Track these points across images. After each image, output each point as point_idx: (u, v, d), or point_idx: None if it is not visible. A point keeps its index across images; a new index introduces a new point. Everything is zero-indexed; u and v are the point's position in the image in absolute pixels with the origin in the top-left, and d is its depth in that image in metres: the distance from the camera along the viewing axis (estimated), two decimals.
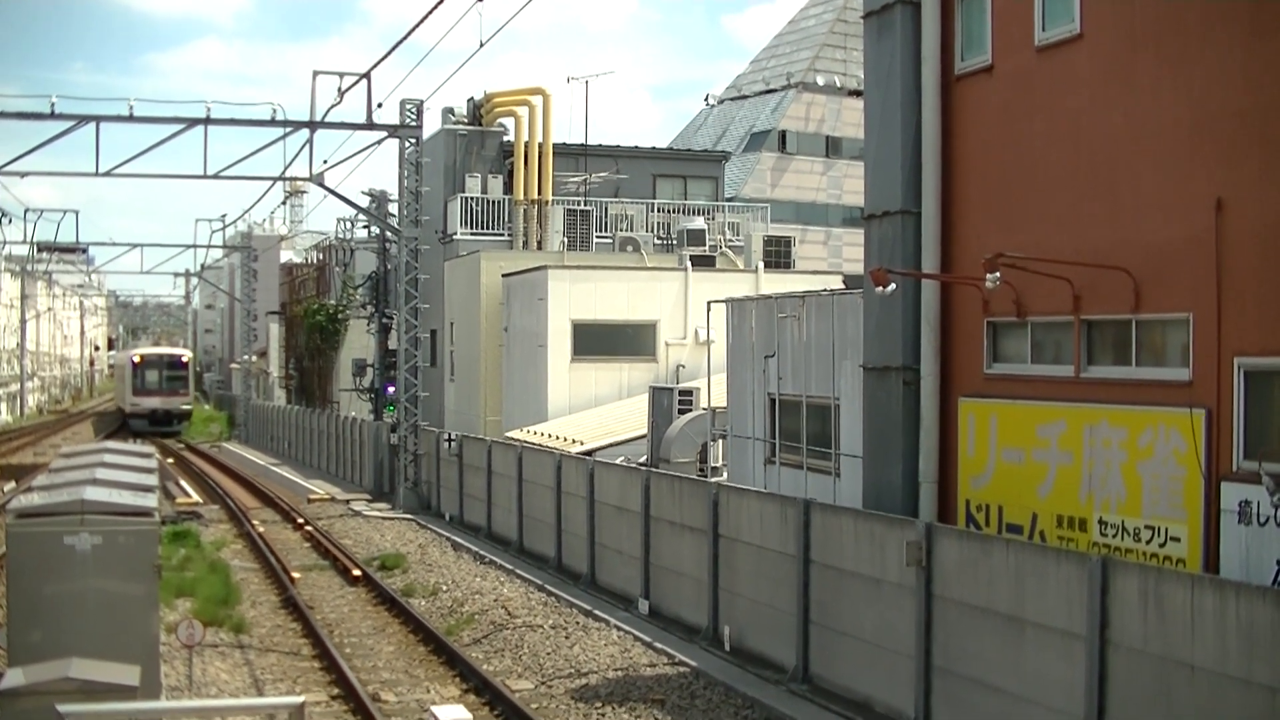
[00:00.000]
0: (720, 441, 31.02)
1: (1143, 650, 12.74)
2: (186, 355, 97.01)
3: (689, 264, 44.59)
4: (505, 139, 53.72)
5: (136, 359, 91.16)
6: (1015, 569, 14.46)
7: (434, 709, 17.49)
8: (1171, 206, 15.48)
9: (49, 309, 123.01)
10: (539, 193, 51.55)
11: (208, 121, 38.37)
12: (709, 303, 32.66)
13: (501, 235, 51.29)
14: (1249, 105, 14.56)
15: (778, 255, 48.73)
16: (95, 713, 8.32)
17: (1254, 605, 11.65)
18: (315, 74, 39.26)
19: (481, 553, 30.75)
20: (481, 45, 29.96)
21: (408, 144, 41.88)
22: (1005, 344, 18.33)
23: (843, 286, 27.66)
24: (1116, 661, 13.05)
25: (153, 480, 18.38)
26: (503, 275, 46.35)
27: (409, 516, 38.86)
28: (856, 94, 71.96)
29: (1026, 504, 17.41)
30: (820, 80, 79.75)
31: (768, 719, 17.14)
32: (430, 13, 25.31)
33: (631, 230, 51.49)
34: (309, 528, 36.34)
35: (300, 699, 7.92)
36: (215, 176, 40.54)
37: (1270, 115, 14.30)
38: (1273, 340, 14.13)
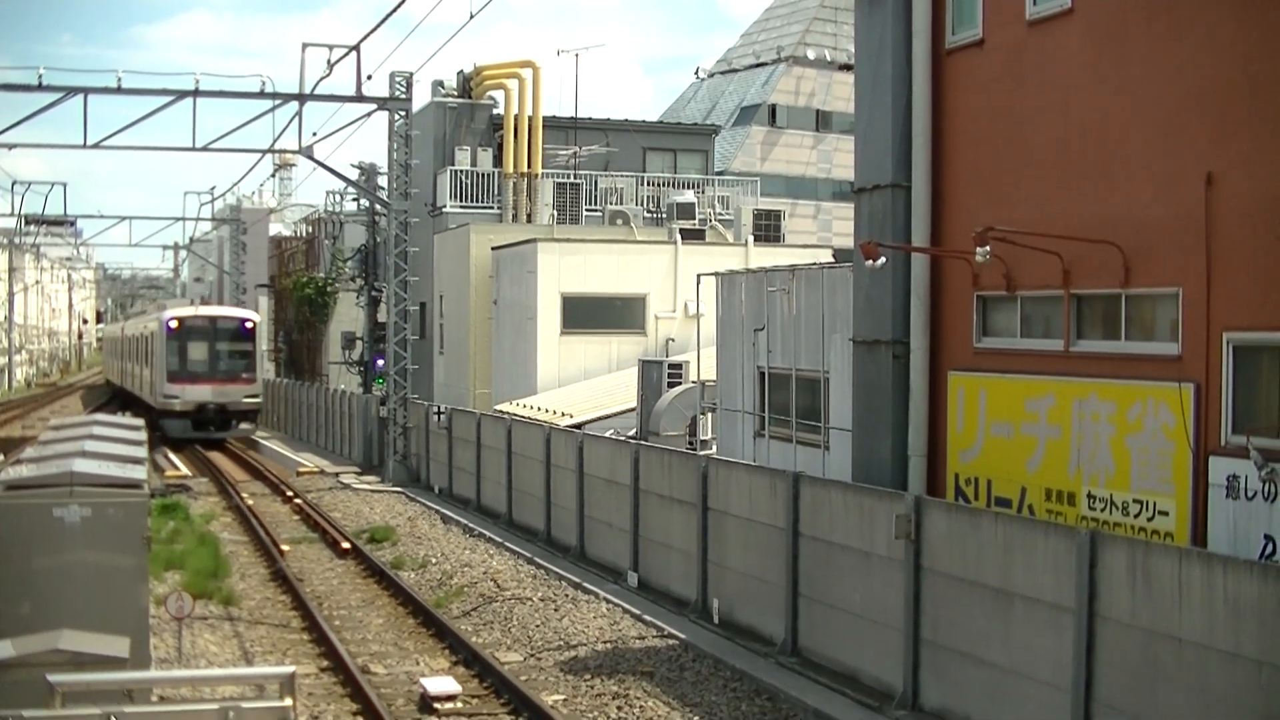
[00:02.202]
0: (709, 415, 31.03)
1: (1130, 623, 12.79)
2: (253, 318, 59.60)
3: (679, 237, 44.57)
4: (495, 112, 53.59)
5: (174, 323, 56.30)
6: (1004, 542, 14.50)
7: (423, 681, 17.52)
8: (1162, 181, 15.48)
9: (37, 282, 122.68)
10: (529, 166, 51.46)
11: (196, 94, 38.24)
12: (699, 276, 32.65)
13: (491, 208, 51.21)
14: (1240, 79, 14.55)
15: (767, 229, 48.73)
16: (86, 683, 8.32)
17: (1241, 579, 11.69)
18: (305, 46, 39.31)
19: (471, 526, 30.78)
20: (472, 16, 29.83)
21: (397, 117, 41.77)
22: (995, 318, 18.34)
23: (832, 260, 27.66)
24: (1104, 634, 13.09)
25: (142, 452, 18.37)
26: (492, 248, 46.30)
27: (398, 489, 38.88)
28: (847, 68, 71.85)
29: (1015, 477, 17.44)
30: (811, 54, 79.60)
31: (756, 691, 17.18)
32: None
33: (621, 204, 51.40)
34: (298, 500, 36.37)
35: (290, 669, 7.91)
36: (204, 149, 40.44)
37: (1261, 90, 14.29)
38: (1262, 315, 14.15)
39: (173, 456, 48.48)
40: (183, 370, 55.09)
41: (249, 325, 57.82)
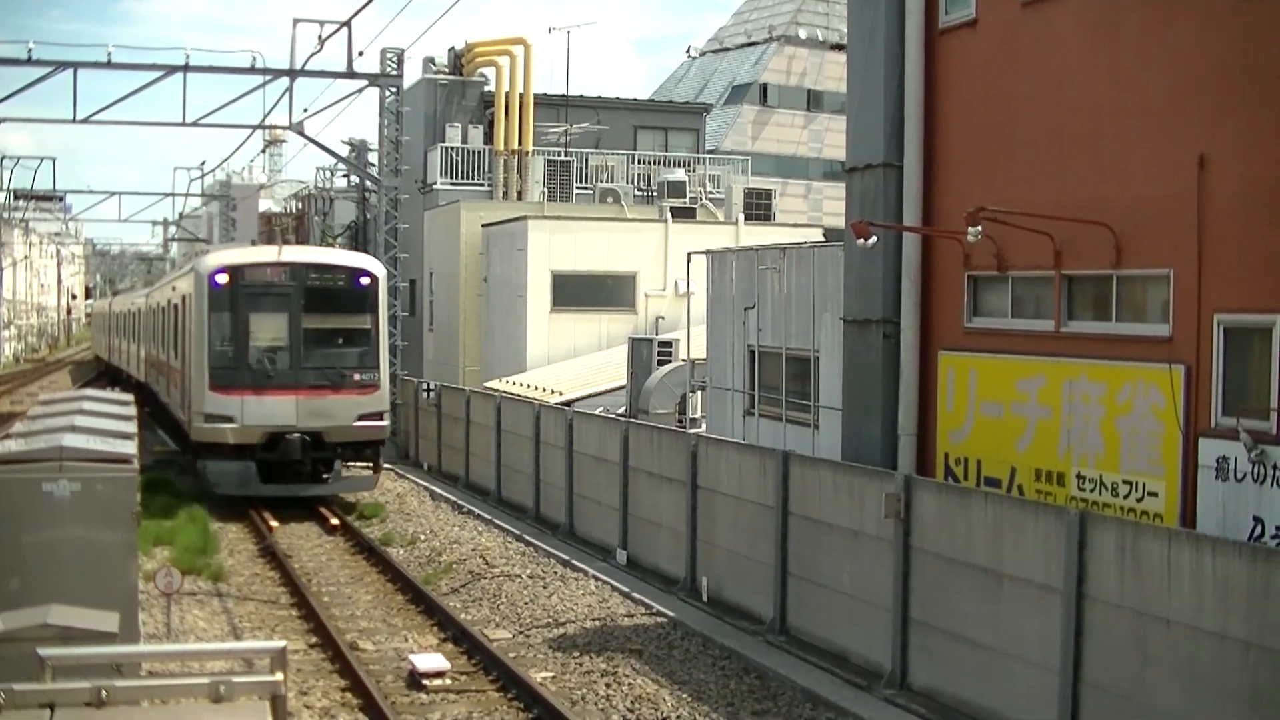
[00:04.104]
0: (699, 393, 31.05)
1: (1119, 604, 12.82)
2: (373, 269, 32.08)
3: (669, 216, 44.51)
4: (486, 89, 53.45)
5: (223, 277, 30.54)
6: (993, 522, 14.52)
7: (412, 658, 17.53)
8: (1154, 163, 15.47)
9: (25, 257, 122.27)
10: (519, 143, 51.37)
11: (186, 69, 38.08)
12: (689, 254, 32.66)
13: (481, 185, 51.10)
14: (1233, 63, 14.54)
15: (758, 208, 48.68)
16: (75, 657, 8.31)
17: (1230, 560, 11.72)
18: (295, 22, 39.12)
19: (460, 503, 30.78)
20: None
21: (388, 93, 41.64)
22: (986, 298, 18.35)
23: (823, 239, 27.66)
24: (1093, 615, 13.12)
25: (132, 428, 18.33)
26: (482, 225, 46.21)
27: (387, 466, 38.84)
28: (838, 48, 71.83)
29: (1005, 458, 17.46)
30: (802, 33, 79.50)
31: (745, 669, 17.21)
32: None
33: (612, 181, 51.33)
34: None
35: (280, 644, 7.90)
36: (194, 124, 40.34)
37: (1254, 73, 14.28)
38: (1253, 298, 14.16)
39: (162, 433, 43.88)
40: (240, 368, 29.91)
41: (365, 281, 31.00)
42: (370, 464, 31.23)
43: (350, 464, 31.08)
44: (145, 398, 42.86)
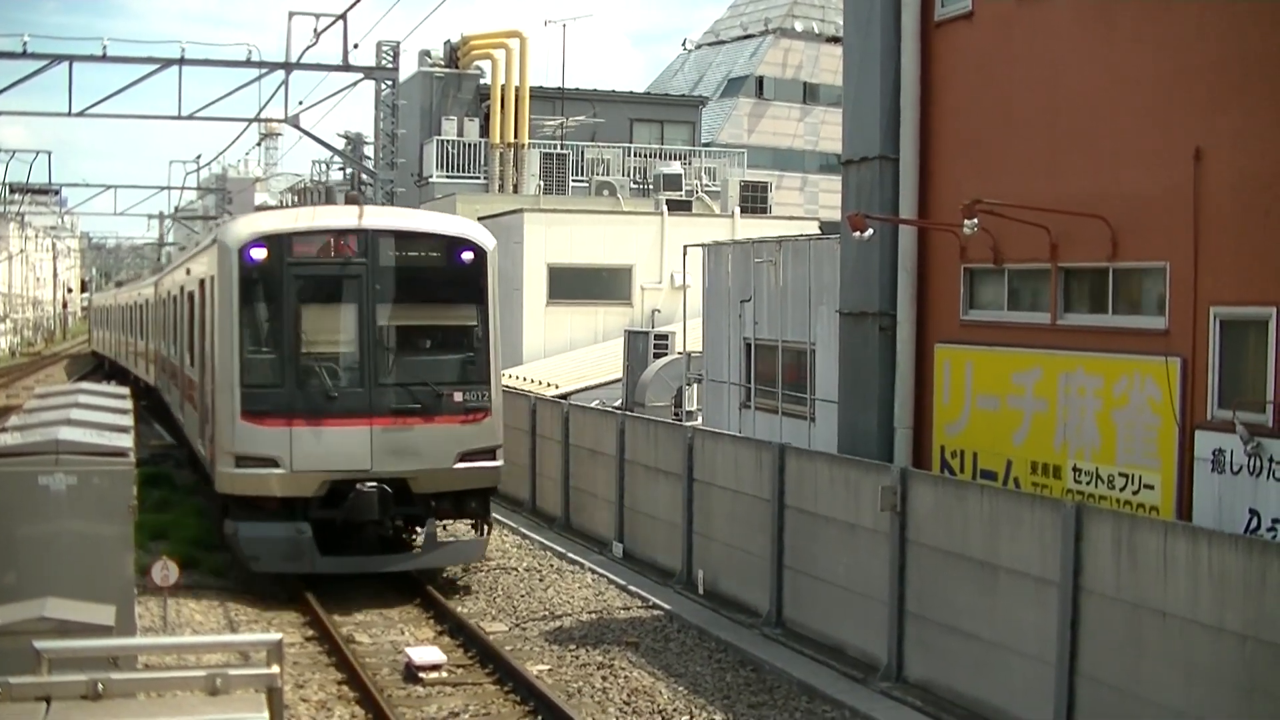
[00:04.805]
0: (695, 386, 31.04)
1: (1115, 597, 12.82)
2: (479, 239, 21.61)
3: (665, 209, 44.53)
4: (482, 82, 53.45)
5: (259, 251, 20.45)
6: (989, 515, 14.52)
7: (409, 650, 17.52)
8: (1150, 156, 15.48)
9: (21, 251, 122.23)
10: (515, 136, 51.39)
11: (182, 62, 38.01)
12: (685, 247, 32.60)
13: (477, 178, 51.13)
14: (1229, 55, 14.54)
15: (754, 200, 48.73)
16: (72, 650, 8.32)
17: (1226, 553, 11.72)
18: (291, 15, 39.05)
19: None
20: None
21: (384, 86, 41.60)
22: (982, 291, 18.35)
23: (819, 232, 27.66)
24: (1089, 608, 13.13)
25: (128, 421, 18.32)
26: (478, 218, 46.16)
27: None
28: (835, 40, 71.75)
29: (1001, 450, 17.47)
30: (799, 26, 79.46)
31: (741, 662, 17.22)
32: None
33: (608, 174, 51.34)
34: None
35: (277, 636, 7.91)
36: (189, 118, 40.20)
37: (1250, 65, 14.28)
38: (1249, 290, 14.17)
39: (159, 426, 42.48)
40: (287, 386, 20.71)
41: (470, 256, 21.70)
42: (475, 521, 21.78)
43: (447, 520, 21.93)
44: (156, 405, 38.92)
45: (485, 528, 21.80)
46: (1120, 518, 13.11)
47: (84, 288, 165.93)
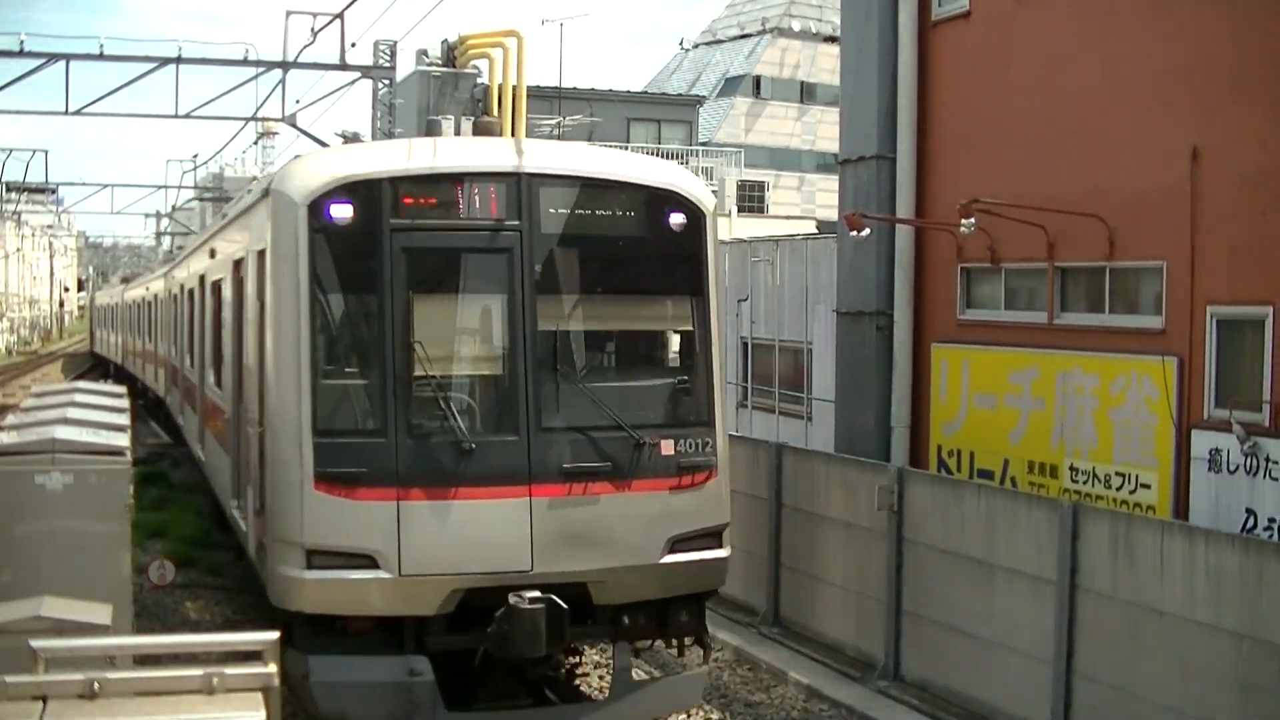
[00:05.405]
0: None
1: (1112, 596, 12.82)
2: (690, 195, 13.26)
3: None
4: (479, 81, 53.42)
5: (343, 209, 12.23)
6: (986, 514, 14.51)
7: None
8: (1147, 155, 15.49)
9: (18, 249, 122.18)
10: (513, 135, 51.35)
11: (179, 61, 37.95)
12: None
13: None
14: (1226, 54, 14.56)
15: (751, 200, 48.79)
16: (68, 649, 8.31)
17: (1222, 552, 11.72)
18: (288, 14, 38.88)
19: None
20: None
21: (381, 85, 41.59)
22: (979, 290, 18.36)
23: (816, 231, 27.68)
24: (1085, 606, 13.13)
25: (125, 420, 18.31)
26: None
27: None
28: (832, 40, 71.73)
29: (998, 450, 17.47)
30: (796, 26, 79.45)
31: (738, 661, 17.20)
32: None
33: None
34: None
35: (274, 635, 7.90)
36: (186, 116, 40.14)
37: (1247, 64, 14.29)
38: (1246, 289, 14.18)
39: (154, 425, 42.20)
40: (389, 431, 12.25)
41: (678, 220, 13.22)
42: (686, 641, 13.68)
43: (642, 642, 13.64)
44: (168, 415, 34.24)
45: (704, 651, 13.72)
46: (1117, 517, 13.11)
47: (80, 287, 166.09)
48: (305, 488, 12.19)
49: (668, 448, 12.94)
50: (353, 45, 39.49)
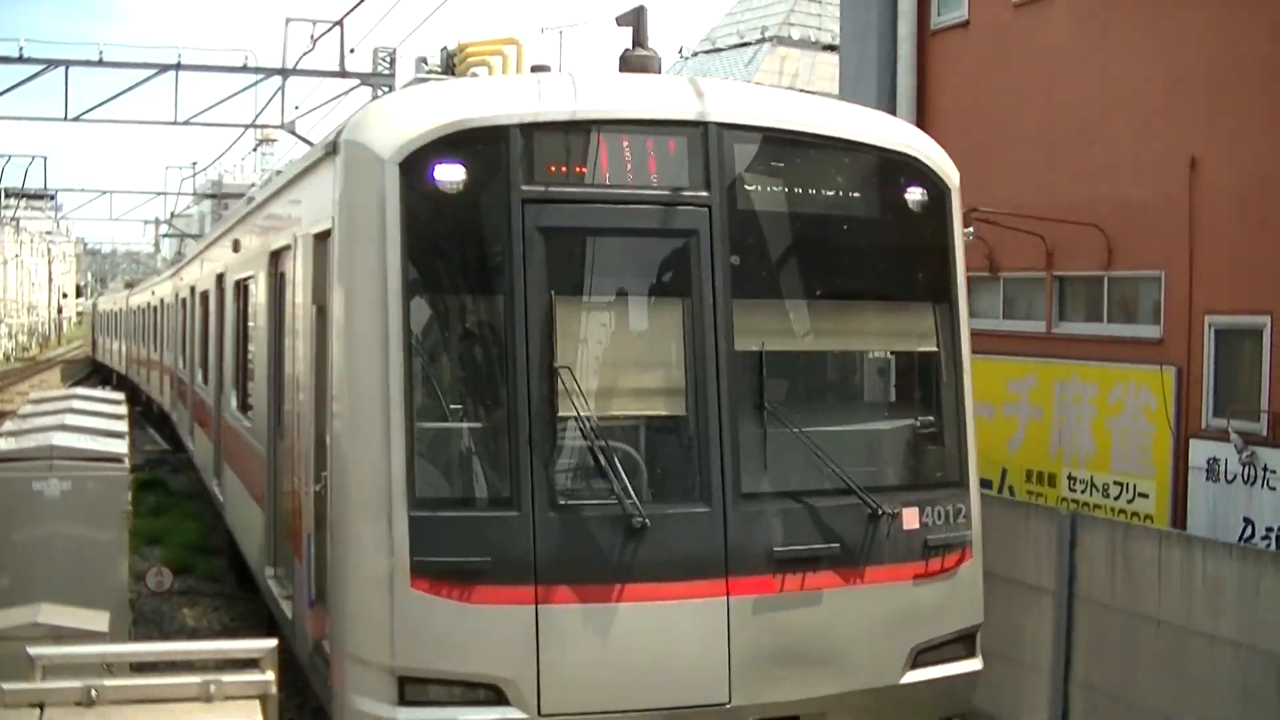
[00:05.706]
0: None
1: (1109, 604, 12.81)
2: (932, 165, 10.55)
3: None
4: None
5: (452, 171, 8.31)
6: (984, 523, 14.49)
7: None
8: (1145, 165, 15.50)
9: (16, 256, 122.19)
10: None
11: (179, 68, 38.00)
12: None
13: None
14: (1224, 63, 14.57)
15: None
16: (65, 656, 8.30)
17: (1220, 562, 11.71)
18: (288, 21, 38.99)
19: None
20: None
21: (380, 92, 41.60)
22: (977, 299, 18.35)
23: None
24: (1083, 615, 13.11)
25: (123, 426, 18.30)
26: None
27: None
28: (831, 49, 71.72)
29: (996, 458, 17.47)
30: (795, 34, 79.41)
31: None
32: None
33: None
34: None
35: (272, 643, 7.88)
36: (186, 123, 40.20)
37: (1245, 74, 14.31)
38: (1244, 299, 14.18)
39: (152, 431, 42.51)
40: (534, 506, 8.36)
41: (916, 195, 10.30)
42: None
43: None
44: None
45: None
46: (1114, 526, 13.11)
47: (79, 293, 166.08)
48: (397, 584, 8.33)
49: (911, 518, 9.59)
50: (351, 52, 39.55)
